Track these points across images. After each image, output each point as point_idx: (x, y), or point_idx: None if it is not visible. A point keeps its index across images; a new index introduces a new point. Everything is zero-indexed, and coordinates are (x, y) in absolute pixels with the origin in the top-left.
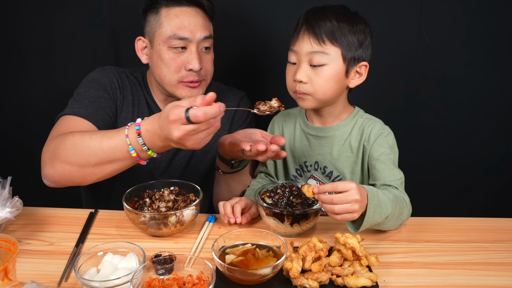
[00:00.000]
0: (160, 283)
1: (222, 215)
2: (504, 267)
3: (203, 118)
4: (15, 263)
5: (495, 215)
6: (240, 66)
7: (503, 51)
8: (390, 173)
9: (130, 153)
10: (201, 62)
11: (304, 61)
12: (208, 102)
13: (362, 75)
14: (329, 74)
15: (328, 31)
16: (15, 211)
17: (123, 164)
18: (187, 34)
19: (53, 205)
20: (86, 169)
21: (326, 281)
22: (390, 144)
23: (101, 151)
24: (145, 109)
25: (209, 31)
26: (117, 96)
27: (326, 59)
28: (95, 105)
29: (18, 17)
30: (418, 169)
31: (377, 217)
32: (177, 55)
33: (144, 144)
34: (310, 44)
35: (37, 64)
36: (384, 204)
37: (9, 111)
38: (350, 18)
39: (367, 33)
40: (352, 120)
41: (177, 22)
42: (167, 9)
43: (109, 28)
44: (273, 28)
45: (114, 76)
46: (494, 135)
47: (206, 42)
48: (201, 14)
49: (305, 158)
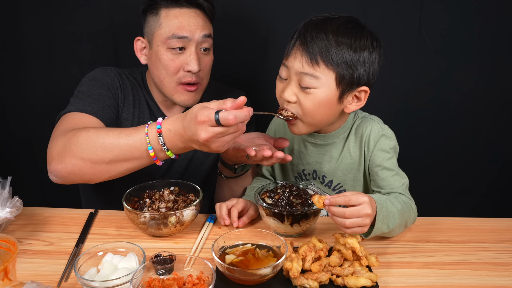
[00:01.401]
0: (160, 283)
1: (218, 217)
2: (504, 267)
3: (233, 122)
4: (15, 263)
5: (495, 215)
6: (240, 67)
7: (503, 51)
8: (394, 179)
9: (148, 152)
10: (200, 63)
11: (293, 80)
12: (239, 106)
13: (360, 101)
14: (318, 99)
15: (323, 49)
16: (15, 211)
17: (139, 163)
18: (186, 33)
19: (53, 205)
20: (98, 165)
21: (326, 281)
22: (391, 146)
23: (118, 148)
24: (145, 110)
25: (209, 30)
26: (119, 96)
27: (317, 83)
28: (100, 103)
29: (18, 17)
30: (417, 169)
31: (384, 228)
32: (175, 56)
33: (164, 144)
34: (301, 63)
35: (37, 64)
36: (392, 215)
37: (9, 111)
38: (354, 33)
39: (372, 50)
40: (349, 123)
41: (176, 22)
42: (166, 10)
43: (109, 28)
44: (273, 28)
45: (115, 76)
46: (494, 135)
47: (206, 43)
48: (200, 16)
49: (303, 166)
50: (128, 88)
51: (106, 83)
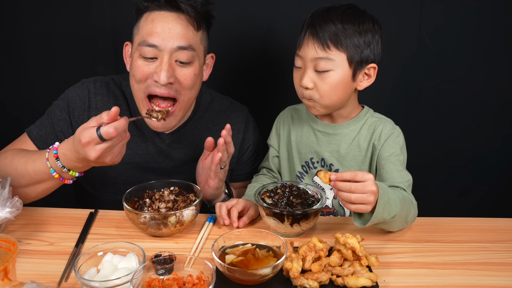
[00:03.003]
0: (160, 283)
1: (218, 217)
2: (504, 267)
3: (115, 134)
4: (15, 263)
5: (495, 215)
6: (239, 68)
7: (503, 51)
8: (399, 175)
9: (52, 175)
10: (174, 75)
11: (309, 67)
12: (114, 117)
13: (370, 77)
14: (335, 80)
15: (333, 35)
16: (15, 211)
17: (51, 184)
18: (156, 41)
19: (53, 205)
20: (19, 189)
21: (326, 281)
22: (400, 145)
23: (27, 173)
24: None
25: (188, 40)
26: (84, 118)
27: (331, 65)
28: (49, 129)
29: (18, 17)
30: (418, 169)
31: (385, 214)
32: (145, 63)
33: (64, 166)
34: (314, 49)
35: (37, 64)
36: (394, 202)
37: (8, 111)
38: (357, 18)
39: (375, 32)
40: (362, 119)
41: (150, 27)
42: (148, 13)
43: (109, 28)
44: (273, 29)
45: (86, 96)
46: (494, 135)
47: (182, 54)
48: (183, 22)
49: (312, 155)
50: (104, 106)
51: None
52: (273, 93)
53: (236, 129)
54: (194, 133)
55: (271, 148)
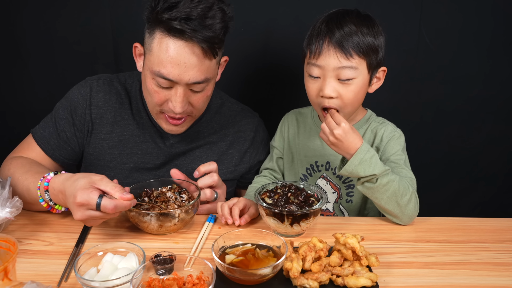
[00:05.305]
0: (160, 283)
1: (219, 216)
2: (504, 267)
3: (112, 212)
4: (15, 263)
5: (495, 215)
6: (239, 70)
7: (503, 51)
8: (400, 171)
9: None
10: (188, 102)
11: (331, 76)
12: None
13: (380, 80)
14: (358, 87)
15: (356, 44)
16: (15, 211)
17: (43, 208)
18: (172, 76)
19: None
20: (25, 205)
21: (326, 281)
22: (402, 146)
23: (22, 193)
24: (129, 126)
25: (204, 74)
26: (85, 118)
27: (355, 73)
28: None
29: (19, 17)
30: (418, 169)
31: (360, 170)
32: (161, 89)
33: (51, 200)
34: (337, 58)
35: (37, 64)
36: (375, 165)
37: (8, 110)
38: (369, 23)
39: (382, 33)
40: (365, 123)
41: (166, 58)
42: (161, 35)
43: (109, 28)
44: (273, 31)
45: (87, 94)
46: (494, 135)
47: (197, 86)
48: (198, 52)
49: (317, 158)
50: (106, 105)
51: (73, 104)
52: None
53: (243, 136)
54: (199, 135)
55: (276, 150)
